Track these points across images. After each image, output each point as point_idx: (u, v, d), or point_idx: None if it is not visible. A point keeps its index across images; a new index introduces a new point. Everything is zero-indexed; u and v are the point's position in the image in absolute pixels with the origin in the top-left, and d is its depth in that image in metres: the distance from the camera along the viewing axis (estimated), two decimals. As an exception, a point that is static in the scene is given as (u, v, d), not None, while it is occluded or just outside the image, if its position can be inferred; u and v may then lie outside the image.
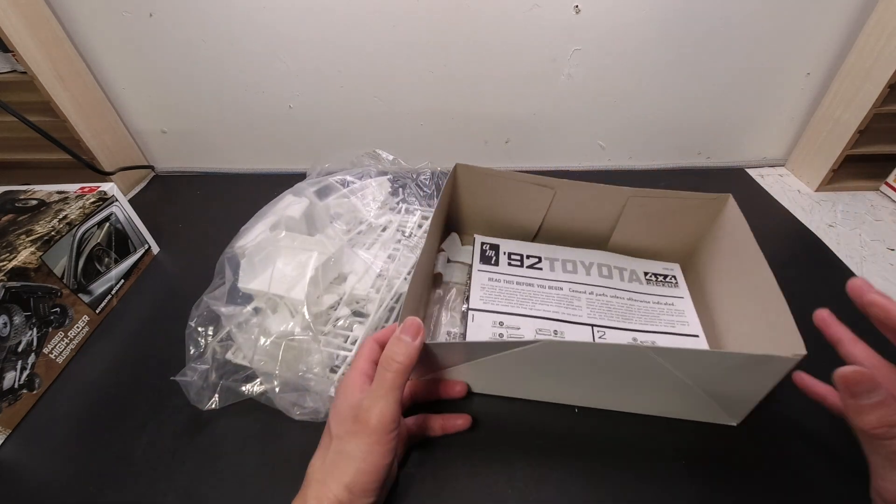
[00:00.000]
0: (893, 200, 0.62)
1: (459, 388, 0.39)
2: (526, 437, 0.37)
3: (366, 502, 0.28)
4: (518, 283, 0.45)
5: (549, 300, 0.44)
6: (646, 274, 0.47)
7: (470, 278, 0.46)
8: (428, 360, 0.36)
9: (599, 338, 0.41)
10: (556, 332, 0.41)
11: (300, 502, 0.28)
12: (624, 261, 0.48)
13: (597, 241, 0.50)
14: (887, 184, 0.62)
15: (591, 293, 0.45)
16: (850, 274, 0.51)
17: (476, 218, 0.52)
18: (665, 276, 0.47)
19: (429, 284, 0.46)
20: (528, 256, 0.48)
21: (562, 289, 0.45)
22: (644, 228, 0.47)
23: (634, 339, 0.41)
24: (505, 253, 0.48)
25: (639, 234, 0.48)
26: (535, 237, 0.51)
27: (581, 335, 0.41)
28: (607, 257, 0.48)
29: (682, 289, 0.46)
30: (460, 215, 0.52)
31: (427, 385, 0.39)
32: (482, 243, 0.49)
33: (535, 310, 0.43)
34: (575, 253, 0.49)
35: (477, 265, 0.47)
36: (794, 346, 0.29)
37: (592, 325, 0.42)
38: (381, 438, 0.28)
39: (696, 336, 0.42)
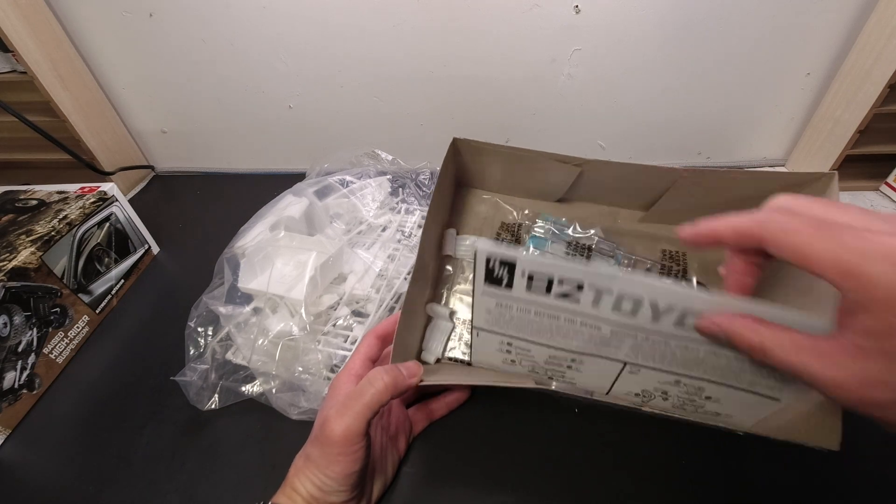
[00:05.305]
0: (893, 200, 0.62)
1: (459, 396, 0.39)
2: (525, 436, 0.37)
3: (342, 498, 0.28)
4: (536, 314, 0.31)
5: (578, 336, 0.30)
6: None
7: (473, 297, 0.32)
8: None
9: (630, 372, 0.31)
10: (572, 362, 0.32)
11: (281, 494, 0.29)
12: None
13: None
14: (887, 184, 0.62)
15: (645, 338, 0.29)
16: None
17: (485, 184, 0.44)
18: None
19: (435, 268, 0.42)
20: (560, 282, 0.28)
21: (600, 328, 0.29)
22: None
23: (677, 381, 0.31)
24: (523, 274, 0.29)
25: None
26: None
27: (605, 370, 0.31)
28: (707, 299, 0.24)
29: None
30: (466, 185, 0.46)
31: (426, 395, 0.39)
32: (488, 259, 0.29)
33: (553, 341, 0.32)
34: (644, 285, 0.26)
35: (480, 286, 0.31)
36: (829, 436, 0.27)
37: (626, 362, 0.31)
38: (344, 450, 0.27)
39: (777, 399, 0.28)
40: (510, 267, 0.29)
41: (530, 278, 0.29)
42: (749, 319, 0.21)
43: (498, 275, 0.30)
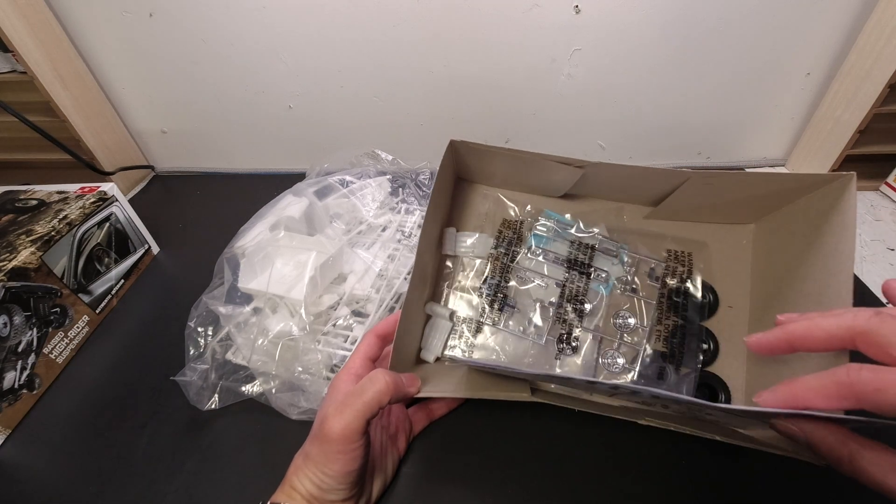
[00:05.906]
0: (893, 200, 0.62)
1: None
2: (525, 436, 0.37)
3: (341, 496, 0.29)
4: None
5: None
6: None
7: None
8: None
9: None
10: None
11: (280, 493, 0.29)
12: None
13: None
14: (887, 184, 0.62)
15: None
16: (850, 274, 0.51)
17: (486, 181, 0.45)
18: None
19: (434, 267, 0.43)
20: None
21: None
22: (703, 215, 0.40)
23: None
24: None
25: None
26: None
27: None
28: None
29: None
30: (468, 180, 0.46)
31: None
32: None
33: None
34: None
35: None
36: None
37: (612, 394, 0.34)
38: (343, 448, 0.27)
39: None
40: None
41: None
42: (840, 433, 0.21)
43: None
